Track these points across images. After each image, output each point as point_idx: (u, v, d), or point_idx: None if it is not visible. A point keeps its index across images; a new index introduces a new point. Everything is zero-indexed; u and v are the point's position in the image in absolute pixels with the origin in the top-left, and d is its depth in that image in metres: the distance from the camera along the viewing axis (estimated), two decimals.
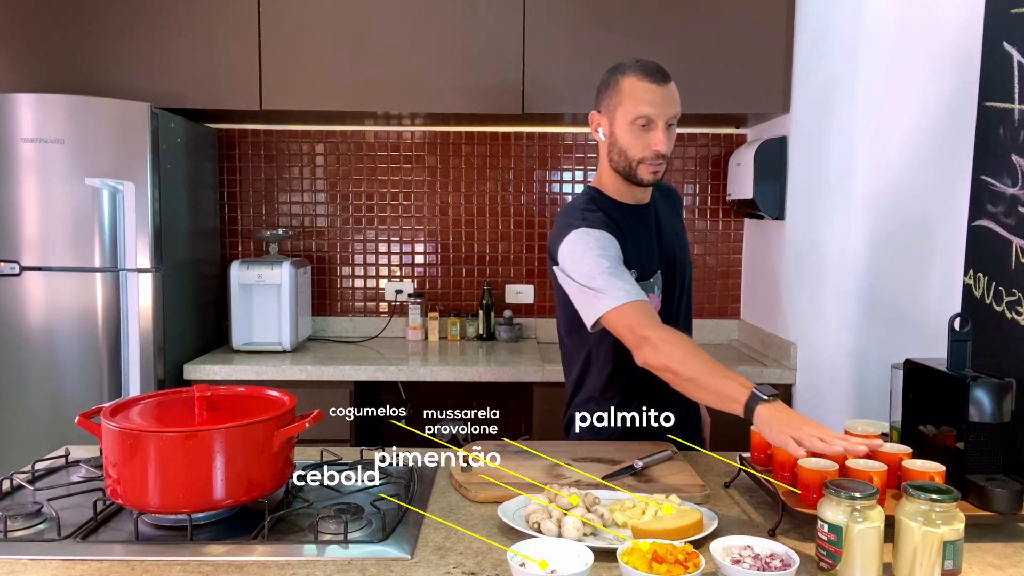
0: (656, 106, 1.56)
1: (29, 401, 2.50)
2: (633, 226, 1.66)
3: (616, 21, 2.72)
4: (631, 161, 1.60)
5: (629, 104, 1.57)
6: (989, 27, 1.54)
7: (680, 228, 1.84)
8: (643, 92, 1.56)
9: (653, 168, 1.60)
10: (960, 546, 1.06)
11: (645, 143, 1.57)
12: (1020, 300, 1.39)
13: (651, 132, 1.57)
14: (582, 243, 1.55)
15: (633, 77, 1.57)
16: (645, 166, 1.59)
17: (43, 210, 2.47)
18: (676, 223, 1.83)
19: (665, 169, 1.64)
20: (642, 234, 1.68)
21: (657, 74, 1.57)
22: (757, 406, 1.25)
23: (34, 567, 1.10)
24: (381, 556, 1.14)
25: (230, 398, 1.39)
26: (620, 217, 1.65)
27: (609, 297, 1.47)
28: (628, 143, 1.59)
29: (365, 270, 3.27)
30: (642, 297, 1.48)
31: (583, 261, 1.53)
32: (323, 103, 2.79)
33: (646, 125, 1.57)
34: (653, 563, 1.01)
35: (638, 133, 1.57)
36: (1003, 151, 1.46)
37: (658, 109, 1.56)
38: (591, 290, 1.50)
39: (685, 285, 1.78)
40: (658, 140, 1.56)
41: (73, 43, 2.72)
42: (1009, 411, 1.24)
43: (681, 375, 1.37)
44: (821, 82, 2.47)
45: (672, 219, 1.81)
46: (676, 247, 1.77)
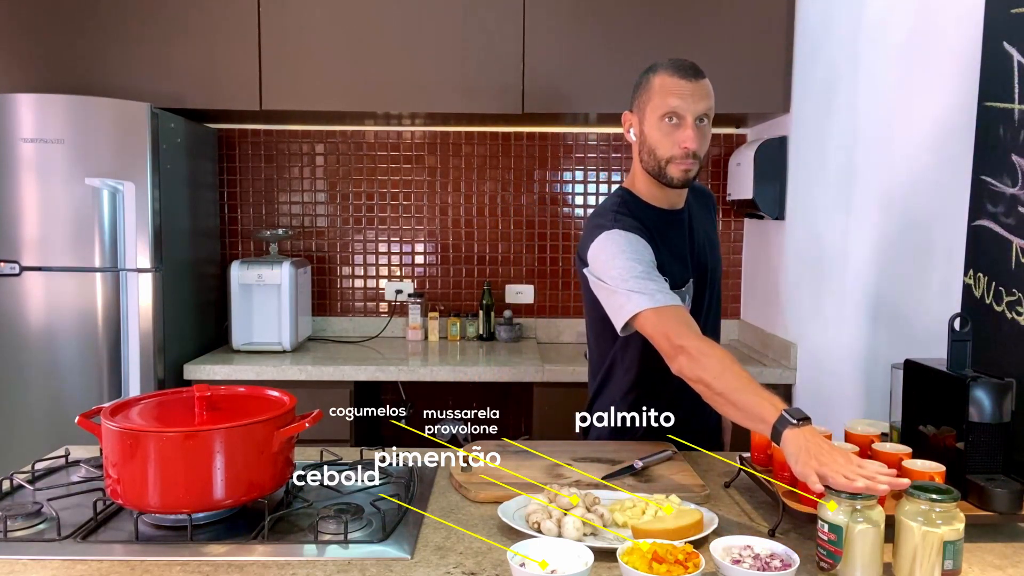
0: (684, 100, 1.51)
1: (29, 401, 2.50)
2: (665, 232, 1.61)
3: (616, 21, 2.72)
4: (660, 160, 1.55)
5: (658, 100, 1.53)
6: (989, 27, 1.54)
7: (713, 232, 1.79)
8: (672, 87, 1.51)
9: (683, 167, 1.54)
10: (960, 546, 1.06)
11: (674, 140, 1.52)
12: (1020, 300, 1.39)
13: (680, 129, 1.52)
14: (614, 244, 1.51)
15: (664, 74, 1.53)
16: (675, 165, 1.54)
17: (43, 210, 2.47)
18: (709, 227, 1.78)
19: (699, 170, 1.59)
20: (675, 240, 1.63)
21: (688, 70, 1.53)
22: (785, 430, 1.18)
23: (34, 567, 1.10)
24: (381, 556, 1.14)
25: (230, 398, 1.39)
26: (652, 222, 1.60)
27: (643, 298, 1.42)
28: (657, 140, 1.54)
29: (365, 270, 3.27)
30: (677, 302, 1.44)
31: (615, 263, 1.49)
32: (323, 103, 2.79)
33: (675, 121, 1.52)
34: (653, 563, 1.01)
35: (667, 130, 1.52)
36: (1003, 151, 1.46)
37: (686, 104, 1.51)
38: (623, 292, 1.45)
39: (715, 291, 1.73)
40: (687, 136, 1.51)
41: (73, 43, 2.72)
42: (1009, 411, 1.24)
43: (714, 388, 1.32)
44: (821, 82, 2.47)
45: (705, 223, 1.76)
46: (708, 253, 1.71)
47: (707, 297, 1.70)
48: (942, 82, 1.74)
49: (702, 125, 1.54)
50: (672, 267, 1.58)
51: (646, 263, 1.48)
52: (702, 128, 1.54)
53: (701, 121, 1.53)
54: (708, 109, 1.54)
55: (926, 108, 1.81)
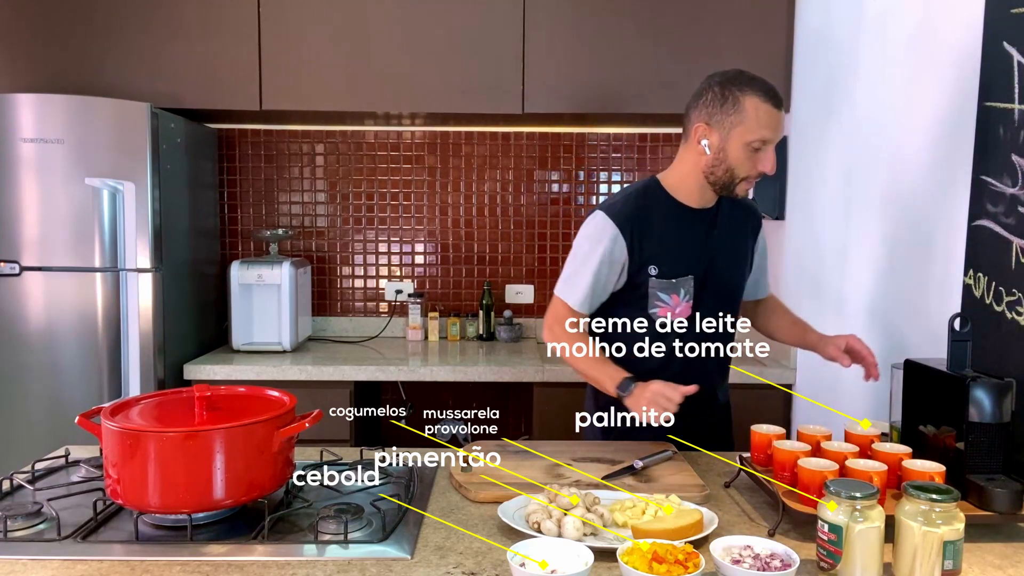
0: (775, 131, 1.57)
1: (29, 401, 2.50)
2: (675, 225, 1.66)
3: (616, 21, 2.72)
4: (736, 178, 1.61)
5: (752, 126, 1.56)
6: (989, 27, 1.54)
7: (743, 247, 1.78)
8: (767, 117, 1.56)
9: (750, 185, 1.63)
10: (960, 546, 1.06)
11: (754, 163, 1.59)
12: (1020, 300, 1.39)
13: (762, 153, 1.58)
14: (591, 226, 1.67)
15: (756, 99, 1.56)
16: (746, 183, 1.62)
17: (43, 210, 2.47)
18: (740, 241, 1.77)
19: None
20: (682, 235, 1.66)
21: (778, 98, 1.58)
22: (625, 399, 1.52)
23: (34, 567, 1.10)
24: (381, 556, 1.14)
25: (230, 398, 1.39)
26: (664, 214, 1.66)
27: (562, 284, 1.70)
28: (739, 162, 1.59)
29: (365, 270, 3.27)
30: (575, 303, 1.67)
31: (580, 240, 1.68)
32: (323, 103, 2.79)
33: (763, 147, 1.57)
34: (653, 563, 1.01)
35: (750, 154, 1.58)
36: (1003, 151, 1.46)
37: (776, 134, 1.58)
38: (566, 270, 1.71)
39: (723, 304, 1.68)
40: (769, 162, 1.58)
41: (73, 43, 2.72)
42: (1009, 411, 1.24)
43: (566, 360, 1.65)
44: (821, 82, 2.47)
45: (736, 236, 1.76)
46: (724, 262, 1.72)
47: (711, 304, 1.66)
48: (942, 82, 1.74)
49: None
50: (665, 257, 1.65)
51: (592, 256, 1.64)
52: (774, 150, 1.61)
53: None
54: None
55: (926, 108, 1.81)
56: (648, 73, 2.74)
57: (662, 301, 1.65)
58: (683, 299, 1.66)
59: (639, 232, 1.63)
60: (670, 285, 1.64)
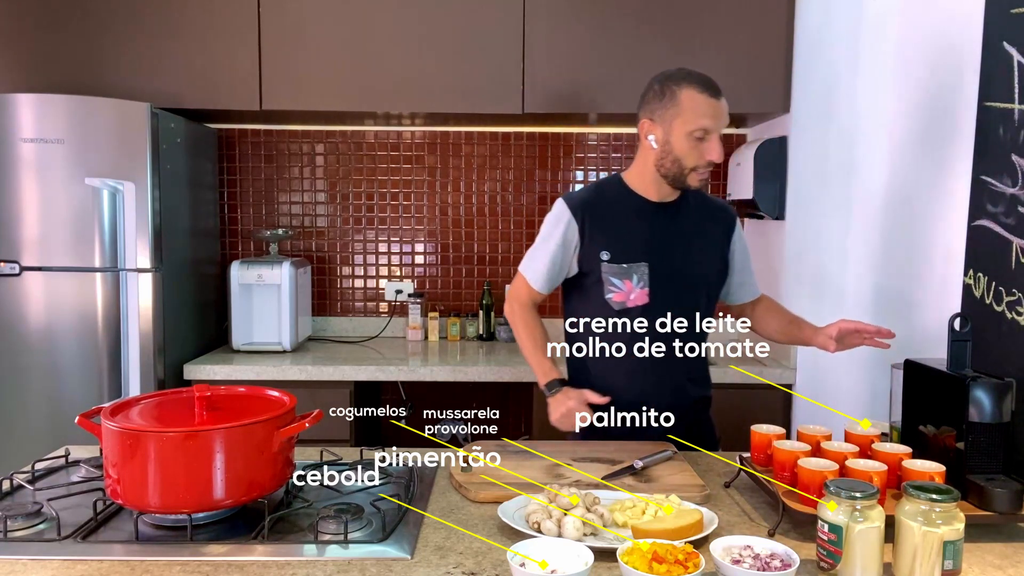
0: (715, 119, 1.63)
1: (29, 401, 2.50)
2: (630, 214, 1.75)
3: (616, 21, 2.72)
4: (684, 169, 1.66)
5: (689, 116, 1.63)
6: (989, 27, 1.54)
7: (712, 246, 1.80)
8: (703, 106, 1.63)
9: (702, 176, 1.68)
10: (960, 546, 1.06)
11: (700, 153, 1.64)
12: (1020, 300, 1.39)
13: (706, 143, 1.64)
14: (552, 211, 1.79)
15: (692, 90, 1.63)
16: (696, 173, 1.67)
17: (43, 210, 2.47)
18: (709, 240, 1.80)
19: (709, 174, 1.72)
20: (636, 223, 1.74)
21: (714, 88, 1.65)
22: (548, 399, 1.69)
23: (34, 567, 1.10)
24: (381, 556, 1.14)
25: (230, 398, 1.39)
26: (620, 203, 1.75)
27: (525, 261, 1.83)
28: (684, 152, 1.65)
29: (365, 270, 3.27)
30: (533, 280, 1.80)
31: (544, 224, 1.80)
32: (323, 103, 2.79)
33: (706, 136, 1.63)
34: (653, 563, 1.01)
35: (694, 144, 1.64)
36: (1003, 151, 1.46)
37: (716, 122, 1.63)
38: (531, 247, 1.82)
39: (685, 298, 1.72)
40: (714, 150, 1.64)
41: (73, 43, 2.72)
42: (1009, 411, 1.24)
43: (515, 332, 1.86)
44: (821, 82, 2.47)
45: (704, 234, 1.79)
46: (685, 256, 1.74)
47: (674, 296, 1.70)
48: (942, 82, 1.74)
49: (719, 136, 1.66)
50: (616, 243, 1.73)
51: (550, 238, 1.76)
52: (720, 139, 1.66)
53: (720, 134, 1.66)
54: (725, 124, 1.67)
55: (926, 108, 1.81)
56: (648, 73, 2.69)
57: (615, 286, 1.71)
58: (637, 285, 1.71)
59: (591, 217, 1.73)
60: (622, 270, 1.71)
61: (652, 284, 1.71)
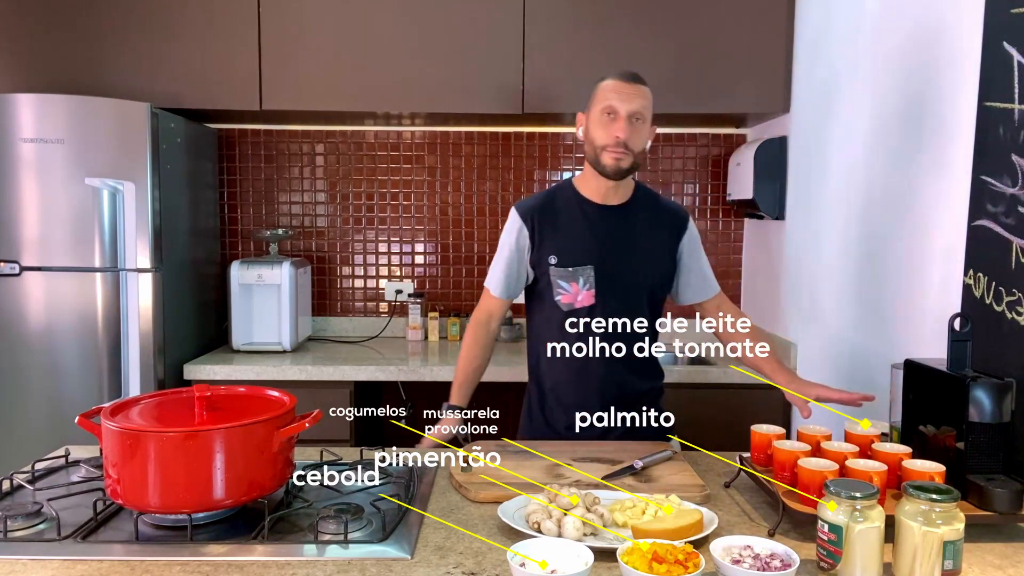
0: (621, 96, 1.71)
1: (29, 401, 2.50)
2: (577, 218, 1.81)
3: (616, 21, 2.72)
4: (597, 148, 1.74)
5: (600, 97, 1.75)
6: (989, 27, 1.54)
7: (660, 247, 1.84)
8: (612, 87, 1.73)
9: (615, 155, 1.72)
10: (960, 546, 1.06)
11: (609, 131, 1.72)
12: (1020, 300, 1.39)
13: (615, 122, 1.71)
14: (508, 221, 1.86)
15: (609, 79, 1.76)
16: (607, 152, 1.72)
17: (43, 210, 2.47)
18: (658, 241, 1.84)
19: (632, 165, 1.75)
20: (582, 228, 1.80)
21: (628, 75, 1.75)
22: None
23: (34, 567, 1.10)
24: (381, 556, 1.14)
25: (230, 398, 1.39)
26: (569, 208, 1.82)
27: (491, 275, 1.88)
28: (595, 132, 1.75)
29: (365, 270, 3.27)
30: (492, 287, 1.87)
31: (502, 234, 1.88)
32: (323, 103, 2.79)
33: (612, 116, 1.72)
34: (653, 563, 1.01)
35: (605, 122, 1.72)
36: (1003, 151, 1.46)
37: (622, 100, 1.71)
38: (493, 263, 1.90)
39: (631, 299, 1.78)
40: (619, 128, 1.71)
41: (73, 43, 2.72)
42: (1009, 411, 1.24)
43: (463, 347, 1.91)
44: (821, 82, 2.47)
45: (653, 235, 1.83)
46: (631, 257, 1.79)
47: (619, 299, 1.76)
48: (942, 82, 1.74)
49: (637, 124, 1.72)
50: (563, 246, 1.80)
51: (505, 246, 1.84)
52: (637, 126, 1.73)
53: (636, 120, 1.72)
54: (642, 108, 1.73)
55: (926, 108, 1.81)
56: (648, 73, 2.71)
57: (563, 289, 1.78)
58: (583, 287, 1.77)
59: (540, 222, 1.80)
60: (569, 273, 1.77)
61: (598, 286, 1.77)
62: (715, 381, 2.61)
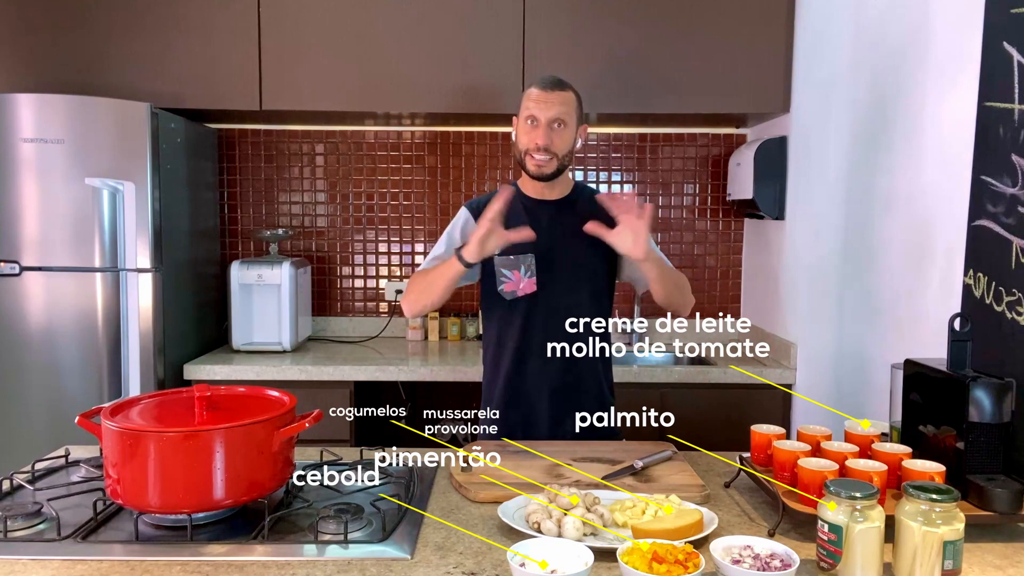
0: (539, 106, 1.80)
1: (29, 401, 2.50)
2: (519, 211, 1.85)
3: (616, 21, 2.72)
4: (520, 153, 1.85)
5: (524, 106, 1.84)
6: (989, 27, 1.54)
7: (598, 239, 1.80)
8: (533, 97, 1.82)
9: (536, 161, 1.81)
10: (960, 546, 1.06)
11: (531, 137, 1.81)
12: (1020, 300, 1.39)
13: (536, 129, 1.80)
14: (457, 215, 1.95)
15: (532, 88, 1.84)
16: (530, 157, 1.82)
17: (43, 210, 2.47)
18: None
19: (556, 167, 1.82)
20: (522, 220, 1.81)
21: (547, 82, 1.83)
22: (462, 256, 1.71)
23: (34, 567, 1.10)
24: (381, 556, 1.14)
25: (230, 398, 1.39)
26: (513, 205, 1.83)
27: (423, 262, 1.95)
28: (520, 138, 1.85)
29: (365, 270, 3.27)
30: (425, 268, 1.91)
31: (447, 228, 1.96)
32: (323, 103, 2.79)
33: (534, 123, 1.80)
34: (653, 563, 1.01)
35: (527, 130, 1.82)
36: (1003, 151, 1.46)
37: (541, 109, 1.80)
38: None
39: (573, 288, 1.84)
40: (538, 135, 1.80)
41: (73, 43, 2.72)
42: (1009, 411, 1.24)
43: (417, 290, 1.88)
44: (821, 82, 2.47)
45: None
46: (570, 248, 1.83)
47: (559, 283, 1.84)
48: (942, 82, 1.74)
49: (558, 129, 1.80)
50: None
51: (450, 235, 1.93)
52: (558, 131, 1.81)
53: (558, 125, 1.80)
54: (562, 114, 1.80)
55: (926, 108, 1.81)
56: (648, 73, 2.74)
57: (506, 276, 1.86)
58: (524, 275, 1.84)
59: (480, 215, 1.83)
60: (511, 262, 1.84)
61: (539, 273, 1.84)
62: (715, 381, 2.61)
